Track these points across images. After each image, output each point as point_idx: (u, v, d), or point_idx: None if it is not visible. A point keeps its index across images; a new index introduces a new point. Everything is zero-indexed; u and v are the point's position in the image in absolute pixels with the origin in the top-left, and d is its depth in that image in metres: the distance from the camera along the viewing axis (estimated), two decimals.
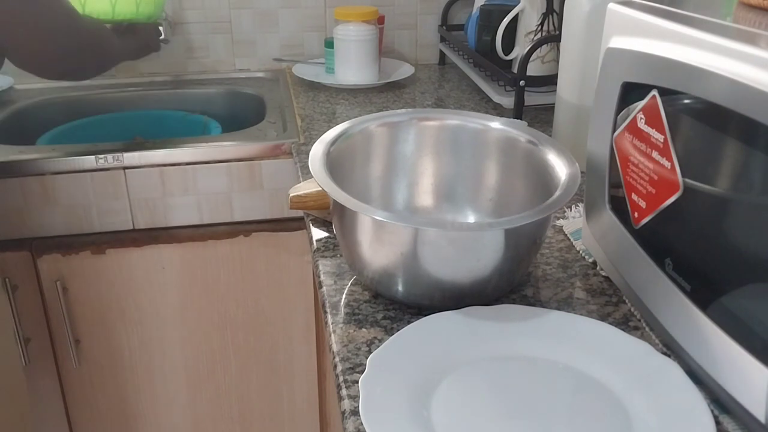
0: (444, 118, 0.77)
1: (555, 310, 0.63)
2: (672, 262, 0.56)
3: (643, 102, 0.58)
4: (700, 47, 0.50)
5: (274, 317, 1.19)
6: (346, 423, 0.53)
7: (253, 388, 1.24)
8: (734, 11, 0.58)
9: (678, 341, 0.56)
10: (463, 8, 1.52)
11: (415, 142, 0.77)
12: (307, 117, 1.21)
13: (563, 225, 0.81)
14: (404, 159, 0.77)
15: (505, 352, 0.59)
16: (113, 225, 1.08)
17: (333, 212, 0.67)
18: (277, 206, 1.12)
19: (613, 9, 0.63)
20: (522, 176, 0.73)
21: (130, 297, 1.13)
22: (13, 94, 1.35)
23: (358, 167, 0.75)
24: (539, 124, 1.14)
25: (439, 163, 0.78)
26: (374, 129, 0.75)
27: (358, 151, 0.75)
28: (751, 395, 0.47)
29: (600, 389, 0.55)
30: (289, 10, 1.47)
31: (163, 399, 1.21)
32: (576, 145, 0.92)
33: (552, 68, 1.16)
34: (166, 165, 1.06)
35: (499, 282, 0.63)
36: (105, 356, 1.16)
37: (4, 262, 1.06)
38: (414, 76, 1.44)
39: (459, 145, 0.77)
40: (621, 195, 0.63)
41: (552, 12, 1.16)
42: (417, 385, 0.55)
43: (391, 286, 0.64)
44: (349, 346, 0.61)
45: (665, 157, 0.55)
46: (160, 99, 1.41)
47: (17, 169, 1.02)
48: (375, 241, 0.62)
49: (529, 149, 0.72)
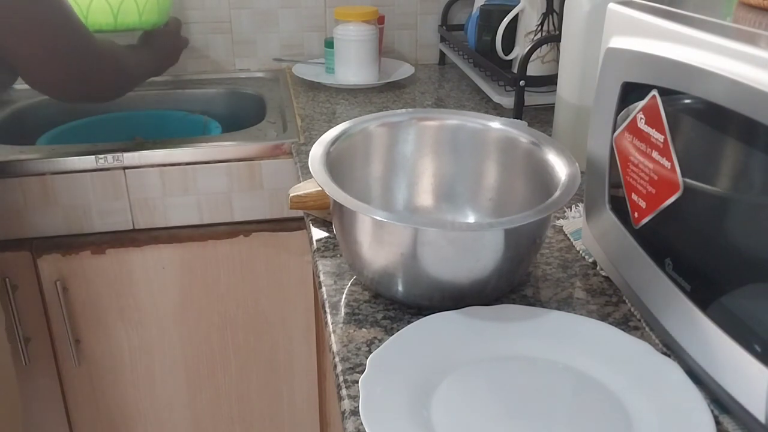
0: (444, 118, 0.77)
1: (555, 310, 0.63)
2: (672, 262, 0.56)
3: (643, 102, 0.58)
4: (700, 47, 0.50)
5: (274, 317, 1.19)
6: (346, 423, 0.53)
7: (253, 388, 1.24)
8: (734, 11, 0.58)
9: (678, 341, 0.56)
10: (463, 8, 1.52)
11: (414, 142, 0.77)
12: (307, 117, 1.21)
13: (563, 225, 0.81)
14: (404, 159, 0.77)
15: (505, 352, 0.59)
16: (113, 225, 1.08)
17: (333, 212, 0.67)
18: (277, 206, 1.12)
19: (613, 9, 0.63)
20: (522, 176, 0.73)
21: (130, 297, 1.13)
22: (13, 94, 1.35)
23: (358, 167, 0.75)
24: (539, 124, 1.14)
25: (439, 163, 0.78)
26: (374, 129, 0.75)
27: (358, 152, 0.75)
28: (751, 395, 0.47)
29: (600, 389, 0.55)
30: (289, 10, 1.47)
31: (163, 399, 1.21)
32: (576, 145, 0.92)
33: (552, 68, 1.16)
34: (166, 165, 1.06)
35: (498, 282, 0.63)
36: (105, 356, 1.16)
37: (4, 262, 1.06)
38: (414, 76, 1.44)
39: (459, 145, 0.77)
40: (621, 195, 0.63)
41: (552, 12, 1.16)
42: (417, 385, 0.55)
43: (391, 286, 0.64)
44: (349, 346, 0.61)
45: (665, 157, 0.55)
46: (160, 99, 1.41)
47: (17, 169, 1.02)
48: (375, 241, 0.62)
49: (529, 149, 0.72)
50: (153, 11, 1.11)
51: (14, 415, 0.93)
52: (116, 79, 1.00)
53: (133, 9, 1.08)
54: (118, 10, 1.06)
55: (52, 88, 0.91)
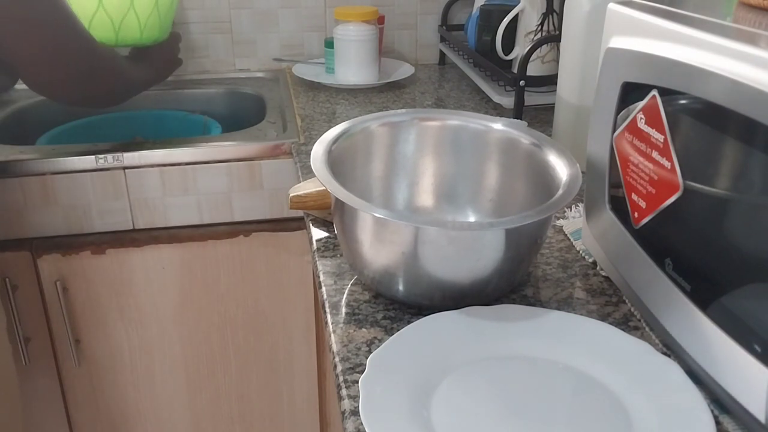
0: (445, 119, 0.77)
1: (555, 310, 0.63)
2: (672, 262, 0.56)
3: (643, 102, 0.58)
4: (700, 47, 0.50)
5: (274, 317, 1.19)
6: (346, 423, 0.53)
7: (253, 388, 1.24)
8: (734, 11, 0.58)
9: (678, 341, 0.56)
10: (463, 8, 1.52)
11: (416, 142, 0.77)
12: (307, 117, 1.21)
13: (563, 225, 0.81)
14: (405, 159, 0.77)
15: (505, 352, 0.59)
16: (113, 225, 1.08)
17: (334, 211, 0.67)
18: (277, 206, 1.12)
19: (613, 9, 0.63)
20: (523, 177, 0.73)
21: (130, 297, 1.13)
22: (13, 94, 1.35)
23: (358, 167, 0.75)
24: (539, 124, 1.14)
25: (440, 163, 0.78)
26: (375, 129, 0.75)
27: (359, 151, 0.75)
28: (751, 395, 0.47)
29: (600, 389, 0.55)
30: (289, 10, 1.47)
31: (163, 399, 1.21)
32: (576, 145, 0.92)
33: (552, 68, 1.16)
34: (166, 165, 1.06)
35: (499, 282, 0.63)
36: (105, 356, 1.16)
37: (4, 262, 1.06)
38: (414, 76, 1.44)
39: (460, 145, 0.77)
40: (621, 195, 0.63)
41: (552, 12, 1.16)
42: (417, 385, 0.55)
43: (391, 286, 0.64)
44: (349, 346, 0.61)
45: (665, 157, 0.55)
46: (160, 99, 1.41)
47: (17, 169, 1.02)
48: (376, 239, 0.62)
49: (530, 150, 0.72)
50: (155, 27, 1.10)
51: (15, 415, 0.93)
52: (116, 83, 1.00)
53: (135, 25, 1.07)
54: (120, 25, 1.06)
55: (52, 89, 0.91)
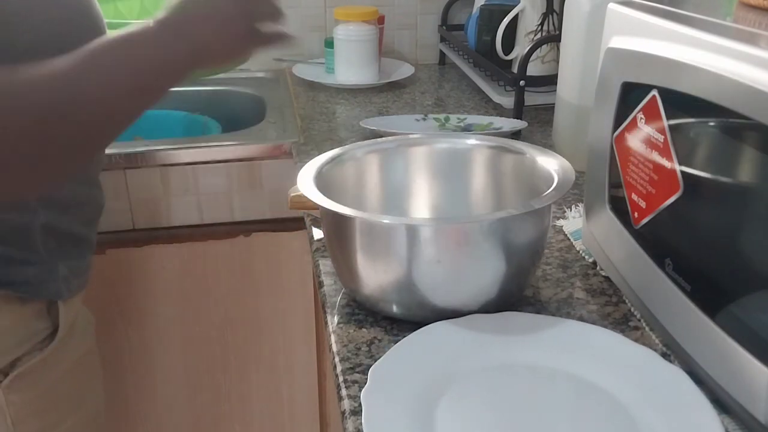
0: (432, 143, 0.76)
1: (558, 318, 0.63)
2: (672, 262, 0.56)
3: (643, 102, 0.58)
4: (700, 47, 0.50)
5: (274, 317, 1.19)
6: (346, 423, 0.53)
7: (253, 388, 1.24)
8: (734, 11, 0.58)
9: (678, 341, 0.56)
10: (463, 8, 1.52)
11: (405, 169, 0.76)
12: (307, 117, 1.21)
13: (563, 225, 0.81)
14: (396, 186, 0.76)
15: (508, 361, 0.58)
16: (113, 225, 1.08)
17: (327, 238, 0.66)
18: (277, 206, 1.12)
19: (613, 9, 0.63)
20: (515, 187, 0.73)
21: (130, 297, 1.13)
22: None
23: (349, 195, 0.73)
24: (539, 124, 1.14)
25: (431, 186, 0.77)
26: (363, 156, 0.74)
27: (348, 180, 0.74)
28: (751, 395, 0.47)
29: (605, 398, 0.54)
30: (289, 10, 1.44)
31: (163, 399, 1.21)
32: (576, 145, 0.92)
33: (552, 68, 1.16)
34: (166, 165, 1.06)
35: (499, 300, 0.63)
36: (105, 356, 1.16)
37: None
38: (414, 76, 1.44)
39: (448, 166, 0.76)
40: (621, 195, 0.63)
41: (552, 12, 1.16)
42: (420, 396, 0.54)
43: (385, 307, 0.64)
44: (349, 346, 0.61)
45: (665, 157, 0.55)
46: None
47: None
48: (367, 252, 0.61)
49: (516, 159, 0.72)
50: None
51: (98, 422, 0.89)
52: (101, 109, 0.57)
53: None
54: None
55: None
